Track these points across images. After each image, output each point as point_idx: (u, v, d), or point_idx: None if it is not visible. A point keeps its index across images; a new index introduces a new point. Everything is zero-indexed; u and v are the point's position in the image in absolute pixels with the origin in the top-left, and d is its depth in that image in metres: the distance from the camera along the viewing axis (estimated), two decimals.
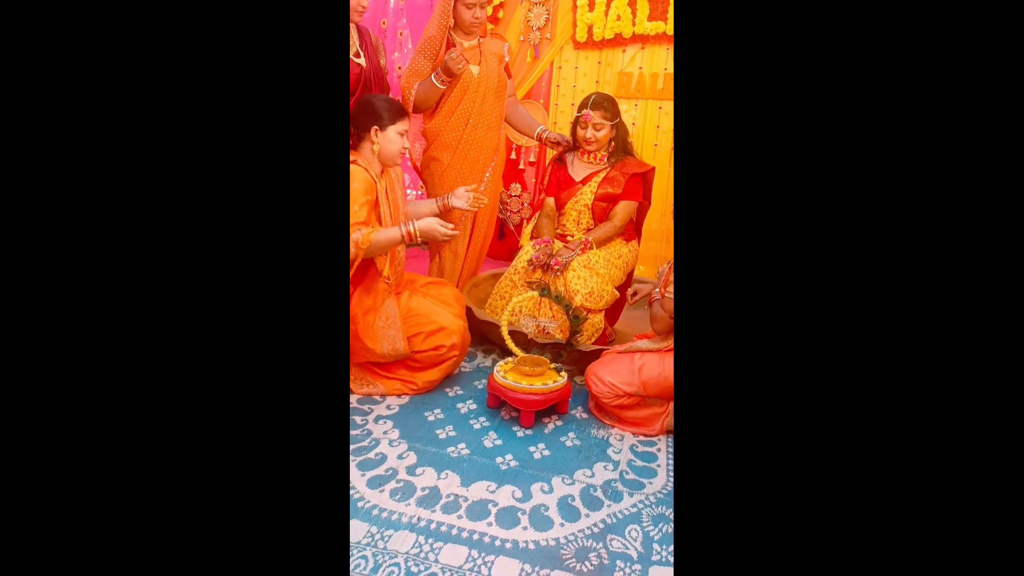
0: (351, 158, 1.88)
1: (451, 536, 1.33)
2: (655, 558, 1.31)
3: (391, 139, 1.89)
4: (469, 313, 2.21)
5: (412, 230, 1.89)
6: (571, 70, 3.25)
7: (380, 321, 1.92)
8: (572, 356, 2.04)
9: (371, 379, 1.98)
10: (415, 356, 1.95)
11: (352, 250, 1.78)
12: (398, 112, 1.92)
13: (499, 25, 3.21)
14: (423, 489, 1.49)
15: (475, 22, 2.22)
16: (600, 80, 3.19)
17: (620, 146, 2.31)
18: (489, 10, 2.50)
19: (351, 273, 1.88)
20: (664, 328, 1.82)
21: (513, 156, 3.34)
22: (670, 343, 1.81)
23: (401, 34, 3.51)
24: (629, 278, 2.35)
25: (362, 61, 2.15)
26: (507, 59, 2.43)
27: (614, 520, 1.43)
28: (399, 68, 3.52)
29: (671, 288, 1.79)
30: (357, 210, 1.81)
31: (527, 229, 2.51)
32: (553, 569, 1.25)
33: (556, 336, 2.06)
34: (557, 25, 3.19)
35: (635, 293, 2.16)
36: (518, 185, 3.42)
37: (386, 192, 1.94)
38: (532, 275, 2.21)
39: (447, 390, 2.01)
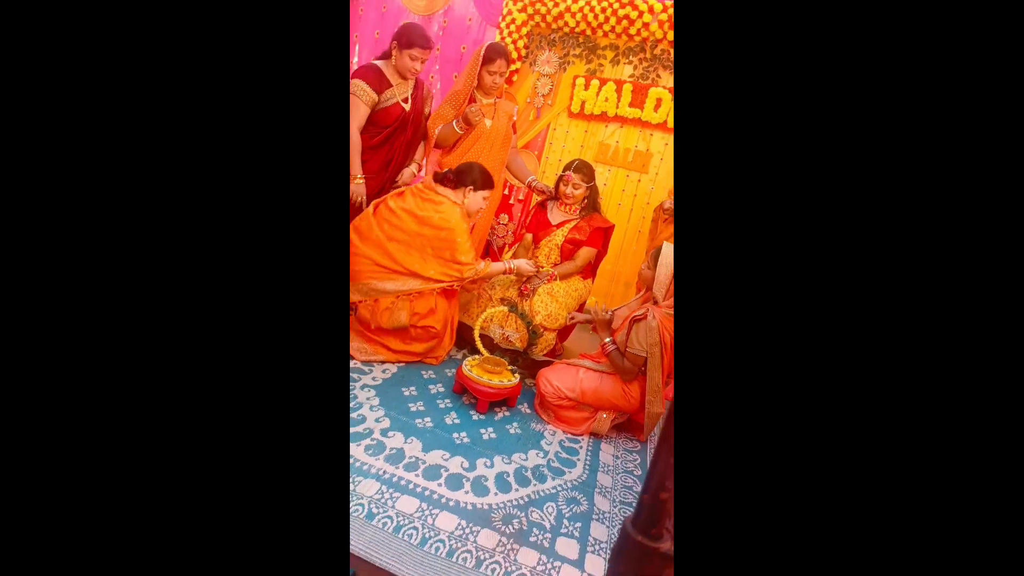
0: (453, 199, 2.10)
1: (408, 489, 1.40)
2: (563, 531, 1.40)
3: (477, 201, 2.14)
4: None
5: (512, 267, 2.20)
6: (563, 132, 3.37)
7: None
8: (526, 362, 2.13)
9: (368, 347, 2.06)
10: (410, 330, 2.06)
11: (470, 272, 2.07)
12: (489, 183, 2.17)
13: (512, 86, 3.31)
14: (391, 449, 1.55)
15: (494, 85, 2.32)
16: (584, 145, 3.32)
17: (591, 204, 2.42)
18: (506, 73, 2.60)
19: (456, 289, 2.16)
20: (629, 377, 1.84)
21: (506, 192, 3.43)
22: (607, 367, 1.91)
23: (432, 76, 3.59)
24: (580, 307, 2.46)
25: (407, 106, 2.23)
26: (515, 119, 2.53)
27: (537, 496, 1.51)
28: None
29: (635, 344, 1.79)
30: (469, 247, 2.08)
31: (508, 254, 2.60)
32: (483, 527, 1.33)
33: (516, 344, 2.16)
34: (558, 96, 3.31)
35: (572, 318, 2.22)
36: (506, 215, 3.51)
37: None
38: (507, 291, 2.30)
39: (423, 372, 2.08)
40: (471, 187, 2.12)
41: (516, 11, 3.22)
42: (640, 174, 3.21)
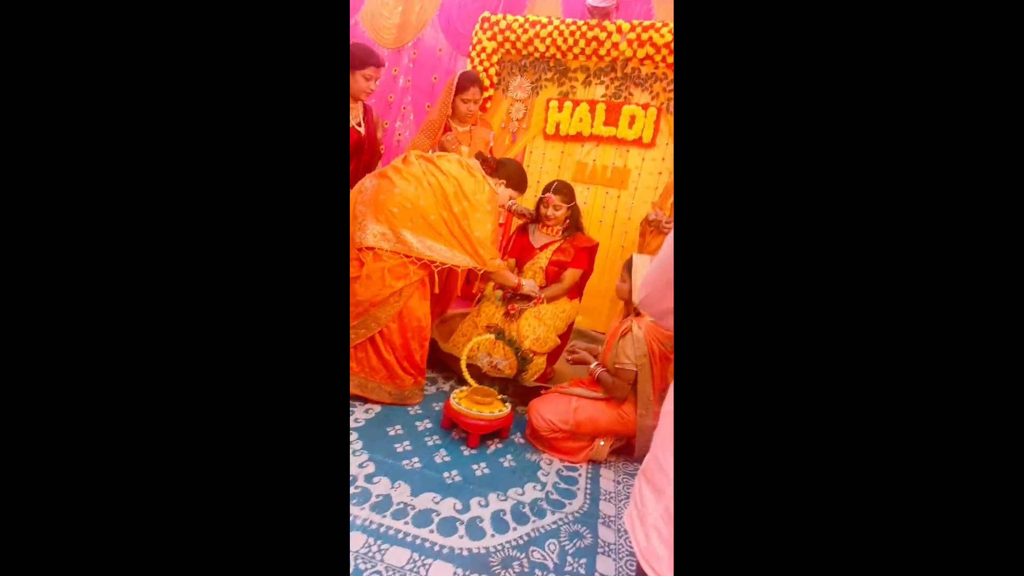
0: (493, 185, 2.06)
1: (397, 539, 1.30)
2: (568, 569, 1.30)
3: (504, 197, 2.15)
4: (434, 344, 2.19)
5: (521, 283, 2.18)
6: (540, 155, 3.35)
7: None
8: (517, 390, 2.05)
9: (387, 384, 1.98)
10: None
11: (492, 264, 2.01)
12: (522, 186, 2.26)
13: (487, 112, 3.31)
14: (377, 496, 1.45)
15: (469, 113, 2.30)
16: (562, 166, 3.30)
17: (573, 224, 2.38)
18: (480, 101, 2.58)
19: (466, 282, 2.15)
20: (622, 395, 1.77)
21: None
22: (601, 393, 1.83)
23: (405, 108, 3.58)
24: (569, 328, 2.40)
25: (361, 130, 2.21)
26: (492, 144, 2.50)
27: (537, 534, 1.41)
28: (399, 136, 3.58)
29: (623, 358, 1.74)
30: (495, 238, 2.06)
31: (489, 284, 2.53)
32: (481, 574, 1.23)
33: (505, 372, 2.07)
34: (532, 119, 3.31)
35: (573, 351, 2.04)
36: None
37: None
38: (492, 317, 2.23)
39: (409, 409, 1.98)
40: (504, 182, 2.09)
41: (486, 40, 3.24)
42: (619, 190, 3.20)
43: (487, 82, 3.26)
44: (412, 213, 1.89)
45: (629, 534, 0.65)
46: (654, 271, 0.66)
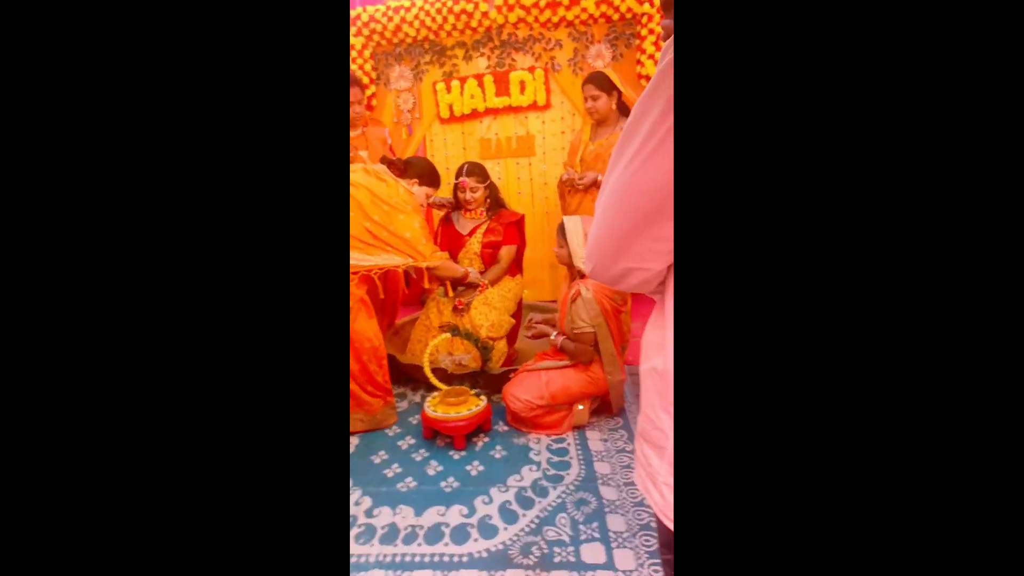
0: (406, 186, 2.01)
1: (415, 563, 1.29)
2: (583, 537, 1.35)
3: (420, 196, 2.09)
4: (392, 359, 2.14)
5: (470, 272, 2.16)
6: (441, 141, 3.29)
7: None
8: (487, 380, 2.05)
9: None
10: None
11: (433, 259, 1.98)
12: (435, 182, 2.19)
13: (374, 112, 3.18)
14: (383, 527, 1.42)
15: (357, 116, 2.20)
16: (466, 147, 3.26)
17: (494, 202, 2.37)
18: (364, 100, 2.47)
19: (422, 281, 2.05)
20: (588, 358, 1.83)
21: None
22: (567, 360, 1.87)
23: None
24: (519, 305, 2.42)
25: None
26: (389, 142, 2.42)
27: (546, 513, 1.45)
28: None
29: (579, 322, 1.78)
30: (427, 236, 2.02)
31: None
32: (506, 569, 1.25)
33: (471, 366, 2.07)
34: (423, 106, 3.22)
35: (530, 326, 2.08)
36: None
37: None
38: (442, 316, 2.20)
39: (387, 431, 1.94)
40: (416, 180, 2.05)
41: (352, 36, 3.08)
42: (529, 157, 3.21)
43: (366, 79, 3.12)
44: None
45: (645, 497, 0.67)
46: (593, 240, 0.65)
